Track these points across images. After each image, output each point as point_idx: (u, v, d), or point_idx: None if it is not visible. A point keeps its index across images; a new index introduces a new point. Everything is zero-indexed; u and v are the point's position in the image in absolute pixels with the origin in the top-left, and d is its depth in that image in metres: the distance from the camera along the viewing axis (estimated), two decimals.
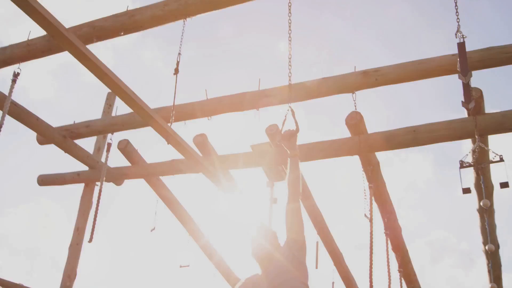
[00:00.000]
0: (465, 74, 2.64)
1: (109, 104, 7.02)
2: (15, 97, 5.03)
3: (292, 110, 3.22)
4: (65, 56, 4.92)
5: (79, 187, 6.71)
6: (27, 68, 5.12)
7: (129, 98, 3.84)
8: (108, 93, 7.15)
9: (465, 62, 2.73)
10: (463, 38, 2.99)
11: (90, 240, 5.30)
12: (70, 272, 5.97)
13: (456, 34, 3.04)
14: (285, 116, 3.23)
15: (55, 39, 3.50)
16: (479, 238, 5.80)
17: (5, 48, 5.02)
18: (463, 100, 2.78)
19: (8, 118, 5.20)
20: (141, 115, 3.99)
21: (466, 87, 2.73)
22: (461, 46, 2.86)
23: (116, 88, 3.71)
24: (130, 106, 3.94)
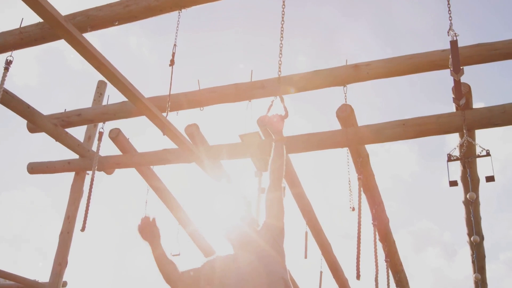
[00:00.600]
0: (457, 72, 2.71)
1: (99, 93, 7.01)
2: None
3: (281, 97, 3.20)
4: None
5: (66, 176, 6.72)
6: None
7: (126, 88, 3.87)
8: (99, 82, 7.14)
9: (457, 60, 2.80)
10: (456, 36, 3.06)
11: (83, 229, 5.33)
12: (61, 260, 5.99)
13: (448, 32, 3.11)
14: (272, 102, 3.19)
15: (52, 27, 3.51)
16: (463, 229, 5.93)
17: None
18: (454, 97, 2.84)
19: None
20: (138, 106, 4.03)
21: (458, 84, 2.79)
22: (454, 44, 2.93)
23: (113, 78, 3.74)
24: (127, 97, 3.97)
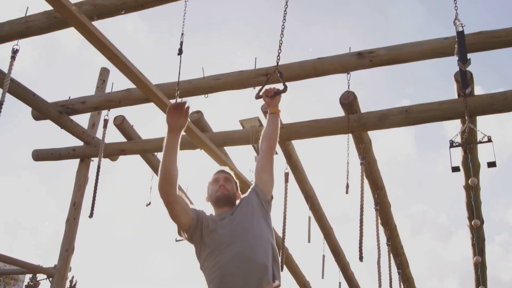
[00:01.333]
0: (464, 62, 2.76)
1: (102, 80, 7.05)
2: None
3: (280, 72, 3.20)
4: None
5: (62, 163, 6.78)
6: None
7: (136, 77, 3.92)
8: (102, 68, 7.17)
9: (464, 50, 2.84)
10: (462, 26, 3.10)
11: (91, 216, 5.40)
12: (68, 246, 6.09)
13: (454, 22, 3.15)
14: (268, 76, 3.17)
15: (62, 15, 3.55)
16: (458, 212, 6.06)
17: (2, 24, 5.02)
18: (461, 86, 2.90)
19: None
20: (148, 95, 4.08)
21: (464, 74, 2.85)
22: (460, 34, 2.97)
23: (124, 67, 3.79)
24: (137, 85, 4.02)
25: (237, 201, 2.85)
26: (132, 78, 3.88)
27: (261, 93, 3.10)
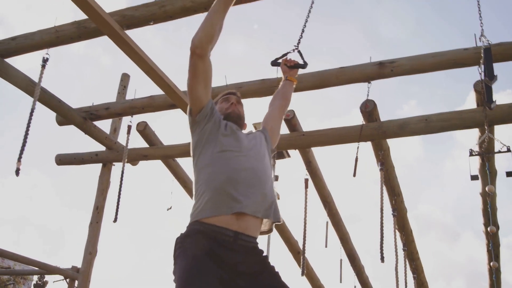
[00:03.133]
0: (491, 78, 2.86)
1: (123, 86, 7.20)
2: None
3: (299, 50, 3.11)
4: None
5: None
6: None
7: (164, 83, 4.06)
8: (122, 74, 7.32)
9: (491, 67, 2.94)
10: (489, 43, 3.20)
11: (115, 220, 5.54)
12: (91, 249, 6.23)
13: (480, 38, 3.24)
14: (287, 52, 3.07)
15: (97, 24, 3.70)
16: (466, 214, 6.20)
17: (33, 34, 5.16)
18: (486, 101, 3.01)
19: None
20: (175, 101, 4.20)
21: (489, 89, 2.95)
22: (487, 51, 3.06)
23: (154, 75, 3.92)
24: (165, 92, 4.16)
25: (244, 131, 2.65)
26: (166, 90, 4.01)
27: (279, 61, 3.04)
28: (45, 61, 5.06)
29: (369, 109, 5.17)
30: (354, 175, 4.99)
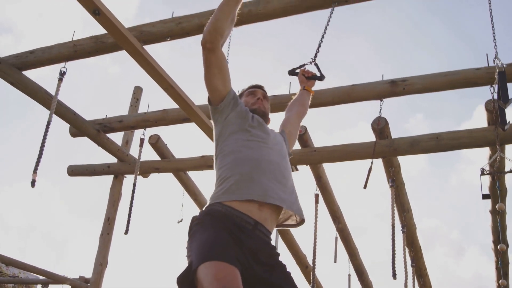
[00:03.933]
0: (505, 101, 2.91)
1: (136, 98, 7.29)
2: None
3: (316, 64, 3.18)
4: None
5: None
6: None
7: (182, 99, 4.13)
8: (135, 87, 7.41)
9: (506, 90, 2.99)
10: (503, 66, 3.25)
11: (126, 232, 5.58)
12: (102, 261, 6.28)
13: (494, 61, 3.29)
14: (304, 64, 3.16)
15: (117, 40, 3.80)
16: (471, 229, 6.20)
17: (51, 47, 5.25)
18: (500, 122, 3.05)
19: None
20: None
21: (502, 111, 3.00)
22: (502, 75, 3.11)
23: (173, 92, 4.00)
24: (182, 107, 4.23)
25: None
26: (183, 106, 4.08)
27: (297, 71, 3.12)
28: (62, 74, 5.13)
29: (381, 126, 5.22)
30: (365, 187, 5.01)
